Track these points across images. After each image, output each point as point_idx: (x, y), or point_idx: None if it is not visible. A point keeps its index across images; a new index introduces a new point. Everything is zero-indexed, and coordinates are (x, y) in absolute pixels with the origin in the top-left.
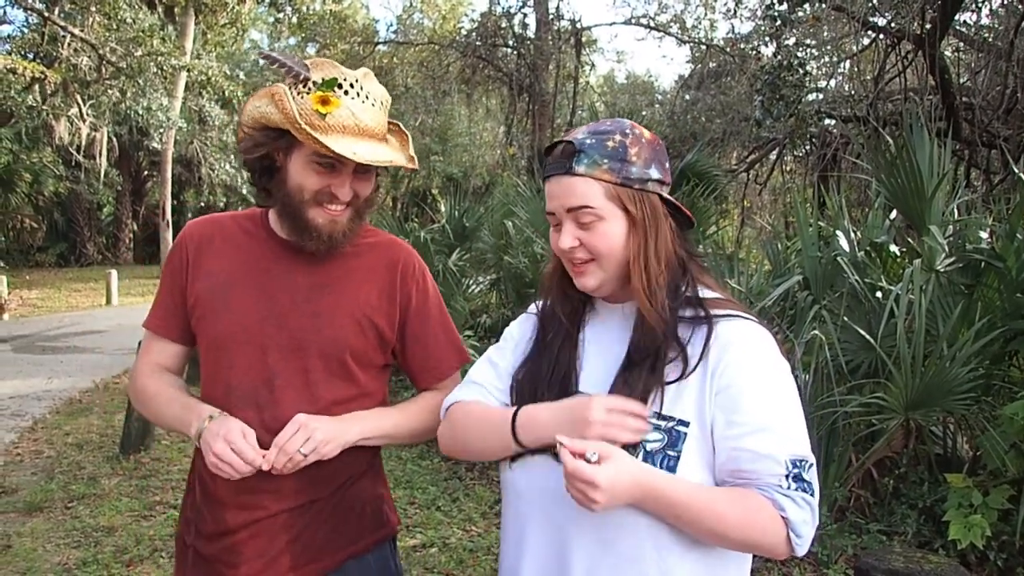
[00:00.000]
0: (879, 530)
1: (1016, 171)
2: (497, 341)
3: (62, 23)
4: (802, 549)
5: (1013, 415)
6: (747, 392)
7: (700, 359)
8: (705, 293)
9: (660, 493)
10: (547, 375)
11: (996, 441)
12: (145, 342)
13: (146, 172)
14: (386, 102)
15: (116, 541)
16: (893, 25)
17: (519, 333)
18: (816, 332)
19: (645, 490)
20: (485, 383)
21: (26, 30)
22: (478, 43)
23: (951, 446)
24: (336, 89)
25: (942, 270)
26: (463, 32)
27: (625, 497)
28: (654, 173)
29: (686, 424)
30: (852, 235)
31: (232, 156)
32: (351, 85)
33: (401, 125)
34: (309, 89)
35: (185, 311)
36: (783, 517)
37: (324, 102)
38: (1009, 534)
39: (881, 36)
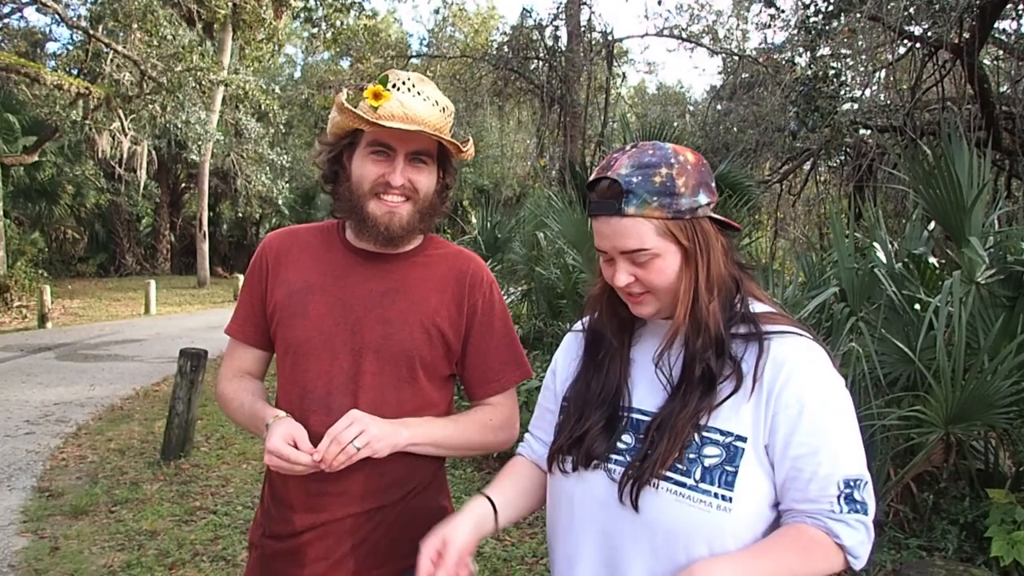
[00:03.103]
0: (919, 545)
1: None
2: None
3: (105, 40)
4: (860, 564)
5: None
6: (803, 413)
7: (755, 377)
8: (756, 307)
9: (734, 570)
10: (596, 394)
11: None
12: (228, 348)
13: (184, 184)
14: (447, 107)
15: (158, 545)
16: (930, 34)
17: (564, 358)
18: (853, 344)
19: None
20: (532, 430)
21: (71, 47)
22: (510, 56)
23: (993, 461)
24: (388, 85)
25: (982, 282)
26: (495, 45)
27: None
28: (703, 198)
29: (744, 439)
30: (889, 246)
31: (267, 168)
32: (403, 83)
33: (471, 141)
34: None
35: (264, 318)
36: (838, 544)
37: (376, 96)
38: None
39: (918, 45)
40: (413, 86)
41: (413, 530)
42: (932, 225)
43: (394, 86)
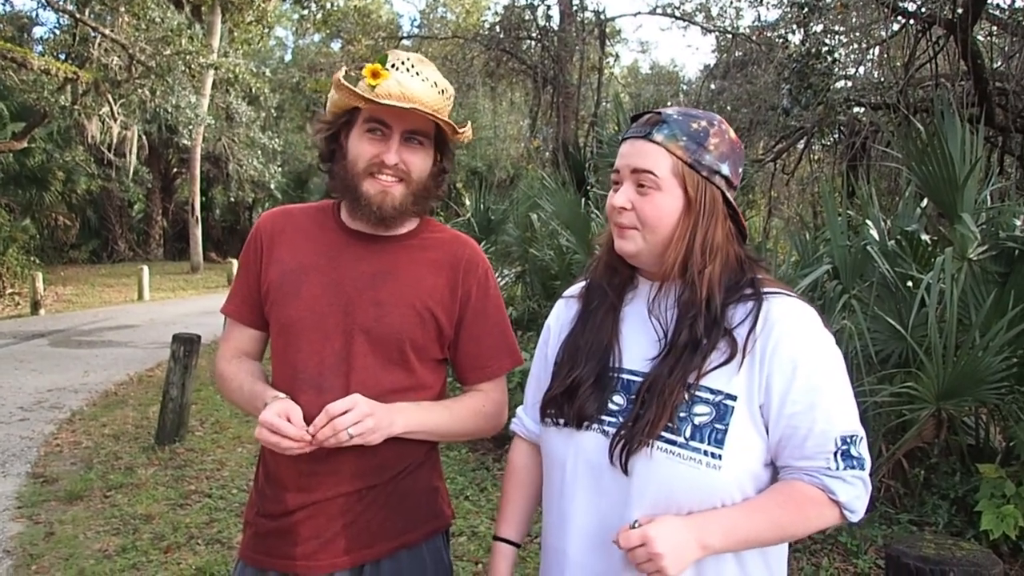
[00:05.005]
0: (910, 520)
1: None
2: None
3: (93, 24)
4: (856, 518)
5: None
6: (796, 372)
7: (748, 336)
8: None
9: (724, 527)
10: (588, 343)
11: None
12: (225, 328)
13: (175, 169)
14: (446, 90)
15: (153, 529)
16: (924, 10)
17: (556, 324)
18: (846, 322)
19: (704, 531)
20: (527, 404)
21: (58, 31)
22: (502, 36)
23: (983, 436)
24: (386, 65)
25: (974, 258)
26: (486, 25)
27: (689, 547)
28: (725, 169)
29: (734, 398)
30: (882, 224)
31: (259, 152)
32: (402, 63)
33: (468, 125)
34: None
35: (259, 298)
36: (833, 500)
37: (375, 75)
38: None
39: (911, 21)
40: (412, 67)
41: (405, 510)
42: (925, 202)
43: (392, 66)
